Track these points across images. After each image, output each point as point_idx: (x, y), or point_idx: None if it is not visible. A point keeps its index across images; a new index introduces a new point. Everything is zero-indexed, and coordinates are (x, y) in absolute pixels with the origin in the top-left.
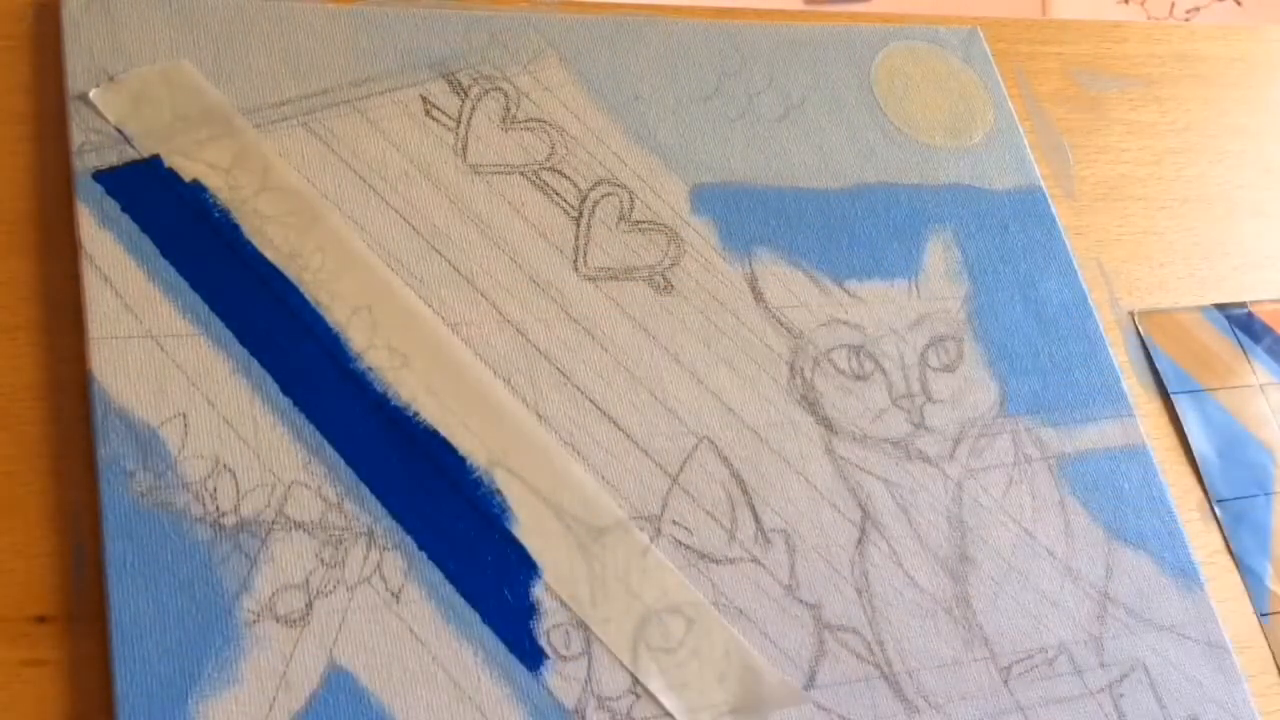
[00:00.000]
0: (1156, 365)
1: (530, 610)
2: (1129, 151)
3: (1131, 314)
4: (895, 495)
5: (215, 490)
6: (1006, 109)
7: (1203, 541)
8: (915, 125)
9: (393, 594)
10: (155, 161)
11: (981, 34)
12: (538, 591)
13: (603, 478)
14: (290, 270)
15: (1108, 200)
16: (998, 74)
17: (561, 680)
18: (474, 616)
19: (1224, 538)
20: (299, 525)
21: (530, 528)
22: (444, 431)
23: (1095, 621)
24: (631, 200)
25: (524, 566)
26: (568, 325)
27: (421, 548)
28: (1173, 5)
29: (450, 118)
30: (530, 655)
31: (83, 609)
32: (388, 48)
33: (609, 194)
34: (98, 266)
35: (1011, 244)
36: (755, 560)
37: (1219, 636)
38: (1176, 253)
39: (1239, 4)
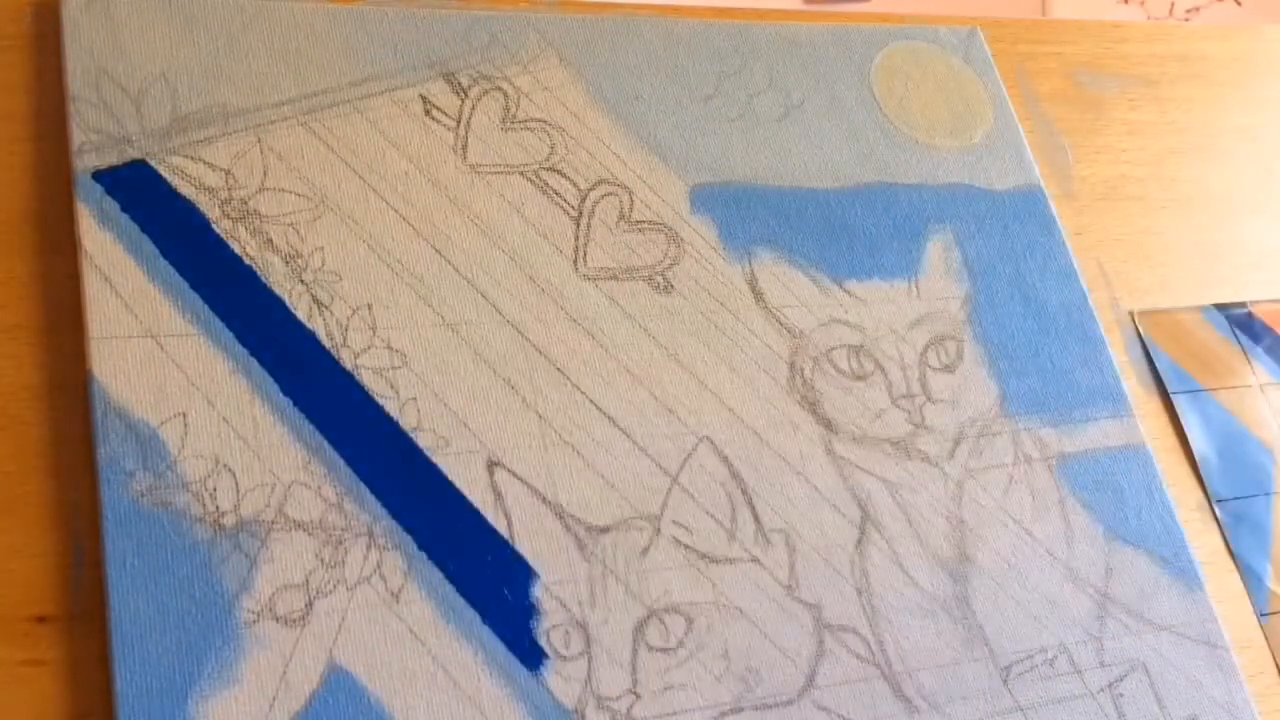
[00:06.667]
0: (1156, 365)
1: (530, 610)
2: (1129, 151)
3: (1131, 314)
4: (895, 495)
5: (215, 490)
6: (1006, 109)
7: (1203, 541)
8: (915, 125)
9: (392, 594)
10: (155, 162)
11: (981, 34)
12: (537, 591)
13: (602, 477)
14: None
15: (1108, 200)
16: (997, 74)
17: (561, 680)
18: (474, 616)
19: (1224, 538)
20: (299, 525)
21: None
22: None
23: (1095, 621)
24: (631, 200)
25: (523, 566)
26: (567, 325)
27: (421, 548)
28: (1172, 5)
29: (450, 117)
30: (530, 655)
31: (82, 609)
32: (387, 48)
33: (609, 194)
34: (97, 266)
35: (1011, 244)
36: (755, 560)
37: (1219, 636)
38: (1176, 253)
39: (1239, 4)
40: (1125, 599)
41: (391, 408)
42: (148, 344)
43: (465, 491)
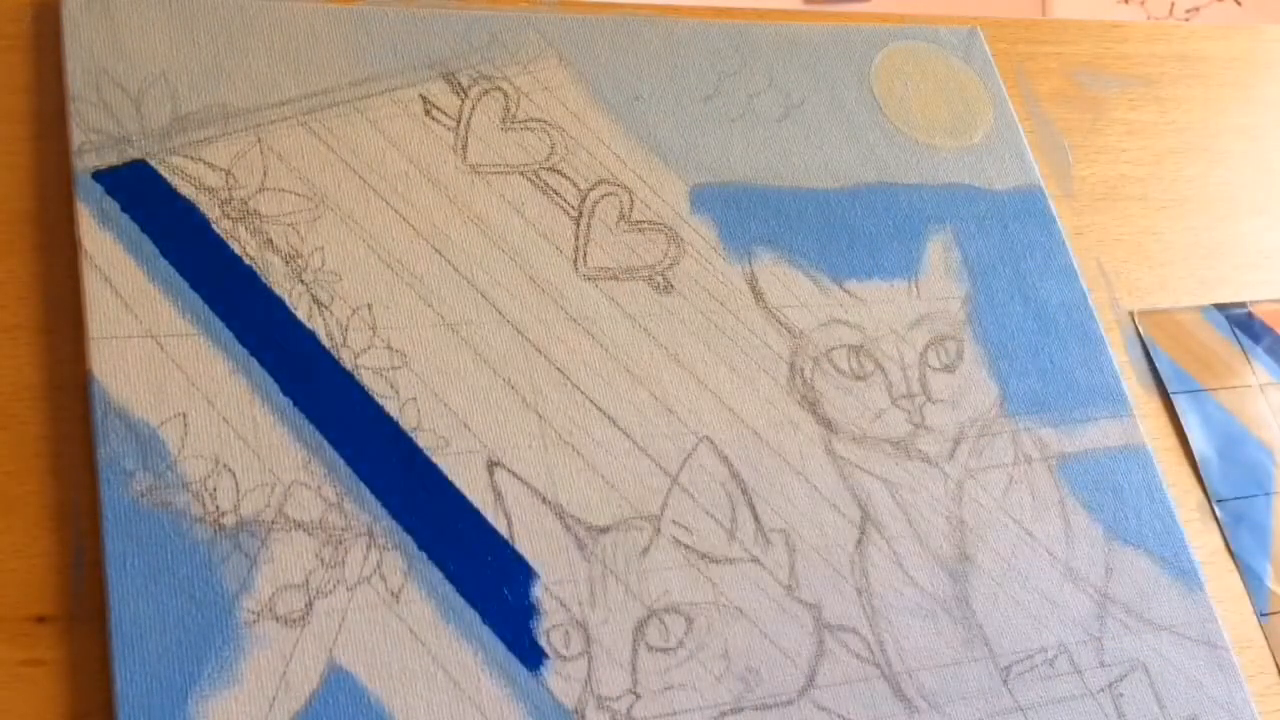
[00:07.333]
0: (1156, 365)
1: (530, 610)
2: (1129, 151)
3: (1131, 314)
4: (895, 495)
5: (215, 490)
6: (1006, 109)
7: (1202, 541)
8: (915, 125)
9: (392, 594)
10: (155, 162)
11: (981, 34)
12: (537, 591)
13: (602, 477)
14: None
15: (1108, 200)
16: (997, 74)
17: (561, 680)
18: (474, 616)
19: (1224, 538)
20: (299, 525)
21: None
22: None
23: (1095, 621)
24: (631, 200)
25: (523, 566)
26: (567, 325)
27: (421, 548)
28: (1172, 5)
29: (450, 117)
30: (530, 655)
31: (82, 609)
32: (387, 48)
33: (609, 194)
34: (97, 266)
35: (1011, 244)
36: (755, 560)
37: (1219, 636)
38: (1176, 252)
39: (1239, 4)
40: (1125, 599)
41: (391, 408)
42: (148, 344)
43: (465, 491)
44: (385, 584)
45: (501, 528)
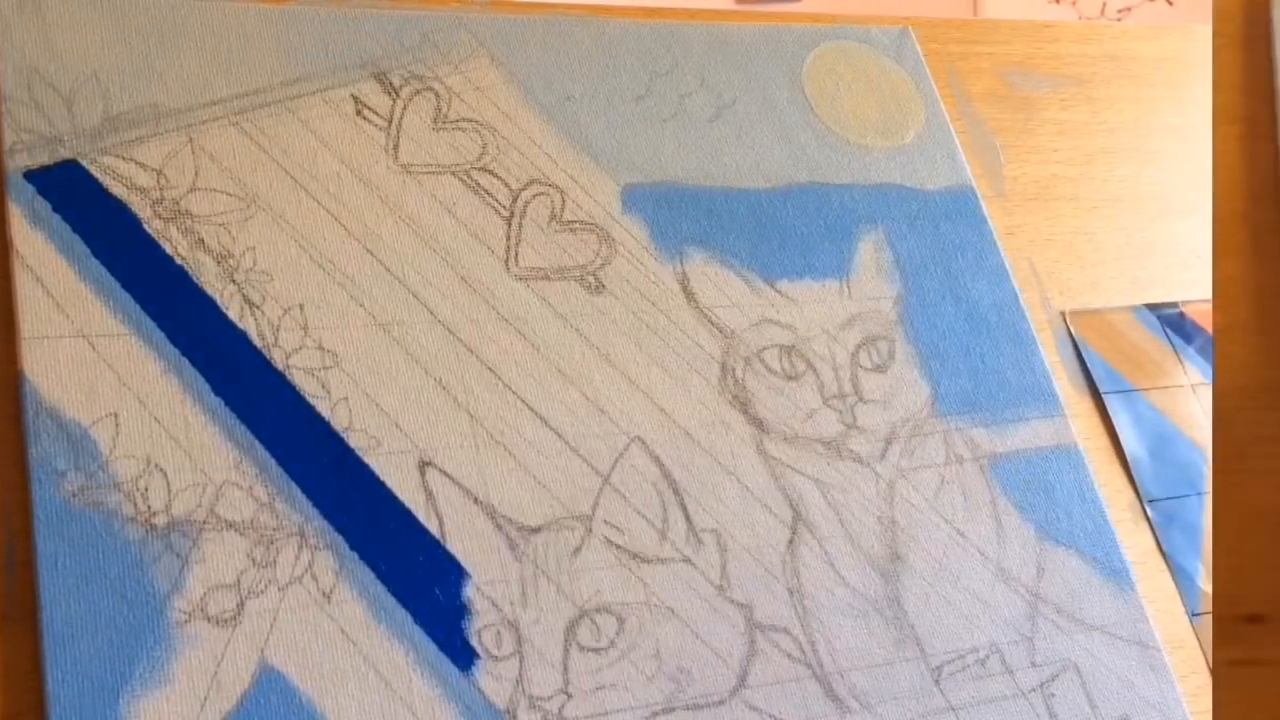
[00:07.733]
0: (1088, 365)
1: (461, 610)
2: (1060, 151)
3: (1063, 314)
4: (827, 495)
5: (147, 490)
6: (938, 109)
7: (1134, 541)
8: (847, 125)
9: (324, 594)
10: (86, 161)
11: (913, 34)
12: (469, 591)
13: (534, 477)
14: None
15: (1039, 200)
16: (929, 74)
17: (493, 680)
18: (405, 616)
19: (1155, 538)
20: (230, 525)
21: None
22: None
23: (1026, 621)
24: (563, 200)
25: (455, 566)
26: (499, 325)
27: (353, 548)
28: (1104, 5)
29: (381, 117)
30: (461, 655)
31: (13, 609)
32: (319, 48)
33: (540, 194)
34: (29, 266)
35: (943, 244)
36: (686, 560)
37: (1150, 636)
38: (1108, 253)
39: (1170, 4)
40: (1057, 599)
41: (323, 408)
42: (79, 344)
43: (397, 492)
44: (317, 584)
45: (433, 528)
